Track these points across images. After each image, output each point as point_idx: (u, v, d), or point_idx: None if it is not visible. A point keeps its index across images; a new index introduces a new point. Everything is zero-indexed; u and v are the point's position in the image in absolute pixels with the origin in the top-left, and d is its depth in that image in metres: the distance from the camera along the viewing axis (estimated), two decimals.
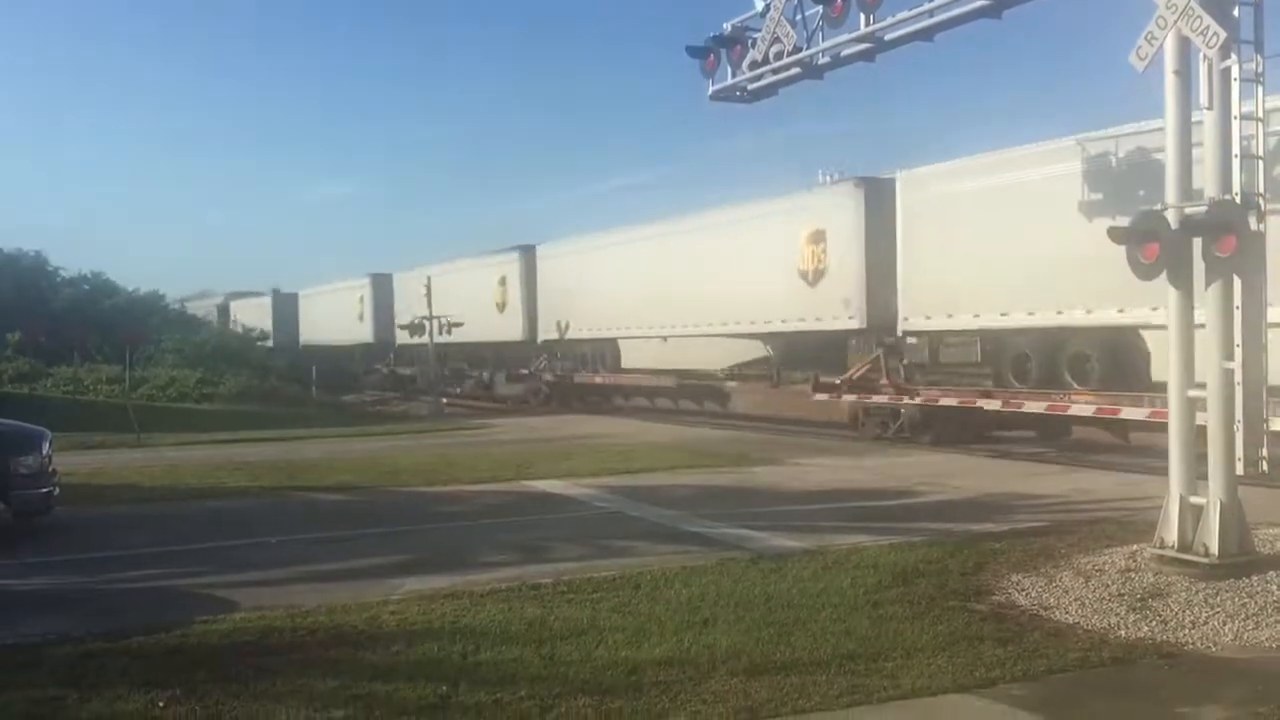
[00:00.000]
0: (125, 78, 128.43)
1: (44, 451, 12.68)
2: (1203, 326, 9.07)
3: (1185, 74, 9.10)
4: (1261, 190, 9.13)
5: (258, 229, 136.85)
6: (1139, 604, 8.24)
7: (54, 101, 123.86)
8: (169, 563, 10.87)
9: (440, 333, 35.40)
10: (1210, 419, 8.97)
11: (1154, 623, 7.81)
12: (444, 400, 35.68)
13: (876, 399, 22.04)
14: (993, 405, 19.46)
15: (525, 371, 37.13)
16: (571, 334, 34.14)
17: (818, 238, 23.32)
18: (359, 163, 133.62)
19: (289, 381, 38.98)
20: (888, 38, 13.46)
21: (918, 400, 20.92)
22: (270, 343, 52.43)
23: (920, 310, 20.83)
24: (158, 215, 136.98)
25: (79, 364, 36.10)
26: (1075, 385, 18.49)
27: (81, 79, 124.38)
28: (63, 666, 7.12)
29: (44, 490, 12.47)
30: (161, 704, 6.37)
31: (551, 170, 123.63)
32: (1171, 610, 8.04)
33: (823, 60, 14.43)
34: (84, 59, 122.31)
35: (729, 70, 15.63)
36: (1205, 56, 8.86)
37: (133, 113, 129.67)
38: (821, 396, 22.98)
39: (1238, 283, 8.90)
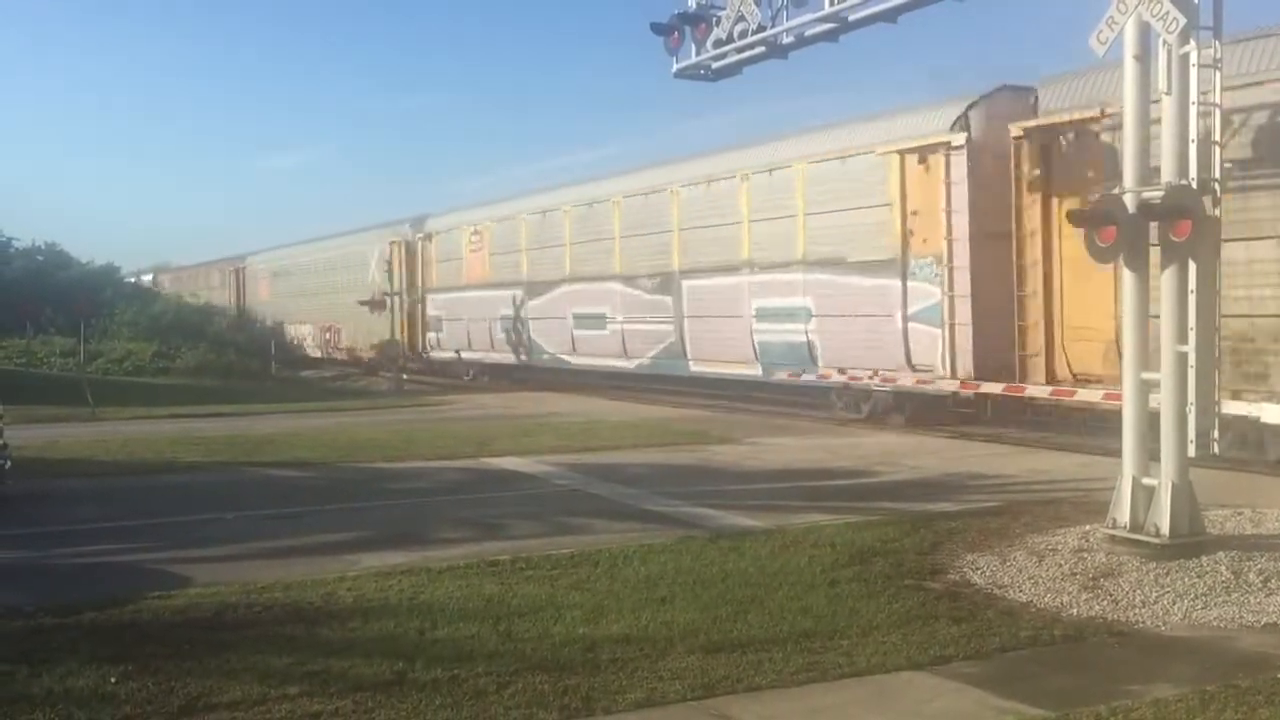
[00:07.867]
0: (82, 41, 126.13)
1: None
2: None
3: (1145, 59, 9.19)
4: (1217, 175, 9.25)
5: (220, 200, 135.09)
6: (1091, 583, 8.36)
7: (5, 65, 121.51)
8: (122, 538, 10.76)
9: None
10: (1164, 401, 9.09)
11: (1105, 602, 7.93)
12: (404, 376, 35.37)
13: None
14: None
15: None
16: None
17: None
18: (317, 132, 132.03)
19: (248, 356, 38.56)
20: (852, 18, 13.44)
21: None
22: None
23: None
24: (116, 187, 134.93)
25: (32, 336, 35.60)
26: None
27: (36, 40, 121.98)
28: (12, 641, 7.06)
29: None
30: (114, 679, 6.33)
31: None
32: (1123, 590, 8.17)
33: (787, 40, 14.39)
34: (37, 24, 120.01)
35: (693, 48, 15.57)
36: (1165, 42, 8.95)
37: (92, 80, 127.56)
38: None
39: (1193, 267, 9.01)
